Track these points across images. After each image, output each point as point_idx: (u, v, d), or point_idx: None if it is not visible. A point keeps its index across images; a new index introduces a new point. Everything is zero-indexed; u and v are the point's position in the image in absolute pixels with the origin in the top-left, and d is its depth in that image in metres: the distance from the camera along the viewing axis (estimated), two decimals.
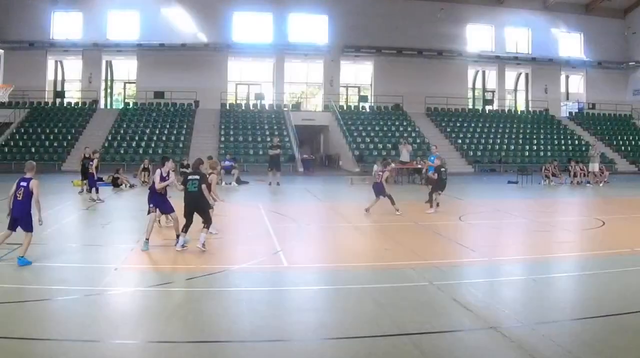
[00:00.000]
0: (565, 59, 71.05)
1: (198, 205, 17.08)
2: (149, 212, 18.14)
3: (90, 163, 28.01)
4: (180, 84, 61.36)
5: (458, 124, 62.75)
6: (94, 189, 27.71)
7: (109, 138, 54.36)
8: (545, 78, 70.77)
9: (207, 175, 18.62)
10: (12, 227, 15.43)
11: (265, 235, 19.75)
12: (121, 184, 35.05)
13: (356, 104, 67.15)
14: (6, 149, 51.25)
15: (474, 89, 72.84)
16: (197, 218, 17.13)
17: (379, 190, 24.92)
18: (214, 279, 13.84)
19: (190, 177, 17.23)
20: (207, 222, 17.07)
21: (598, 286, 13.61)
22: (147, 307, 11.94)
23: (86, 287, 13.05)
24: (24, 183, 15.48)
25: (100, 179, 34.69)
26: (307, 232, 20.50)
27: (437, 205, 25.29)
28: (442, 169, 25.85)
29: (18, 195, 15.46)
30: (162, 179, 17.77)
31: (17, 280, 13.32)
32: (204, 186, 17.14)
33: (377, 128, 59.27)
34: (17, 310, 11.16)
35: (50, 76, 65.65)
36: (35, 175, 15.85)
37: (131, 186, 35.32)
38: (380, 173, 25.25)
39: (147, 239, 17.11)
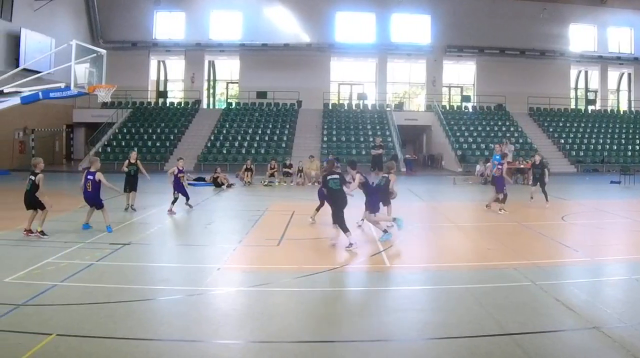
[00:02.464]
0: None
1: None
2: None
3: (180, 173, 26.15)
4: (283, 84, 61.95)
5: (560, 124, 62.01)
6: (177, 199, 25.42)
7: (212, 138, 54.92)
8: None
9: (388, 175, 20.48)
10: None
11: (367, 235, 19.79)
12: (222, 184, 35.20)
13: (459, 103, 66.99)
14: (109, 149, 52.28)
15: (576, 89, 71.91)
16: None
17: (499, 184, 25.28)
18: (316, 279, 13.88)
19: (329, 177, 18.23)
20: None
21: None
22: (250, 307, 12.02)
23: (189, 287, 13.19)
24: (90, 177, 18.06)
25: (203, 179, 35.13)
26: (409, 232, 20.25)
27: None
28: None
29: (87, 187, 18.05)
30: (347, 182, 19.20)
31: (120, 280, 13.50)
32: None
33: (479, 128, 59.04)
34: (119, 310, 11.32)
35: (152, 76, 67.14)
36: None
37: (229, 186, 35.41)
38: (500, 166, 25.55)
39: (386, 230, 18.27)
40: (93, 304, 11.62)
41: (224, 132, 56.52)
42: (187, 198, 25.40)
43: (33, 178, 17.94)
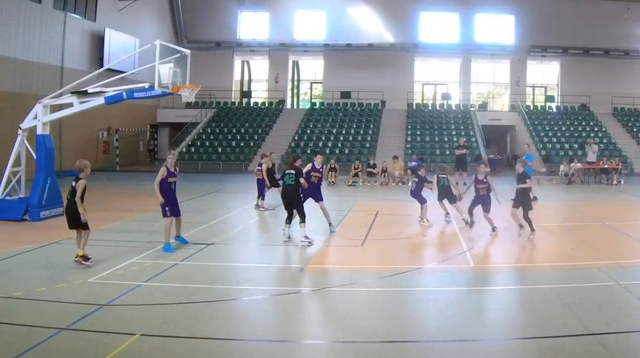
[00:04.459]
0: None
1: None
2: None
3: (259, 168, 25.96)
4: (367, 84, 61.32)
5: None
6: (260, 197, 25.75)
7: (295, 138, 54.65)
8: None
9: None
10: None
11: (452, 235, 19.85)
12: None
13: (542, 103, 65.83)
14: (193, 149, 52.28)
15: None
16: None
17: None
18: (400, 279, 13.91)
19: (287, 171, 19.09)
20: None
21: None
22: (333, 307, 12.14)
23: (272, 287, 13.39)
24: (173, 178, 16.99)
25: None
26: (493, 232, 20.20)
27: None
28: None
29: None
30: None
31: (203, 280, 13.69)
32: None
33: (563, 128, 57.95)
34: (204, 310, 11.49)
35: (236, 76, 66.97)
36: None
37: None
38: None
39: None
40: (177, 304, 11.81)
41: (308, 132, 56.29)
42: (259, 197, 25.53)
43: (74, 184, 15.17)
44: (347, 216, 23.43)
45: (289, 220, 18.71)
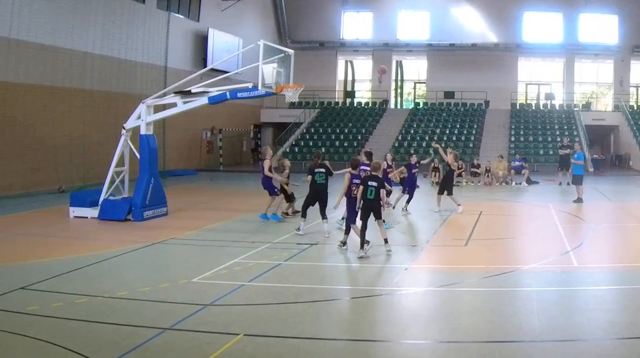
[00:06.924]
0: None
1: None
2: None
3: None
4: (470, 84, 61.09)
5: None
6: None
7: (399, 138, 54.68)
8: None
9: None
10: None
11: (555, 235, 19.56)
12: None
13: None
14: (296, 149, 52.57)
15: None
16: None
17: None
18: (504, 279, 13.87)
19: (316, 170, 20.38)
20: None
21: None
22: (437, 307, 12.13)
23: (376, 287, 13.39)
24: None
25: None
26: (597, 231, 20.10)
27: None
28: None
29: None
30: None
31: (307, 280, 13.74)
32: None
33: None
34: (308, 310, 11.53)
35: (340, 76, 67.11)
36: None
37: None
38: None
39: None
40: (280, 304, 11.86)
41: (412, 132, 56.24)
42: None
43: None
44: (450, 216, 23.36)
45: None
